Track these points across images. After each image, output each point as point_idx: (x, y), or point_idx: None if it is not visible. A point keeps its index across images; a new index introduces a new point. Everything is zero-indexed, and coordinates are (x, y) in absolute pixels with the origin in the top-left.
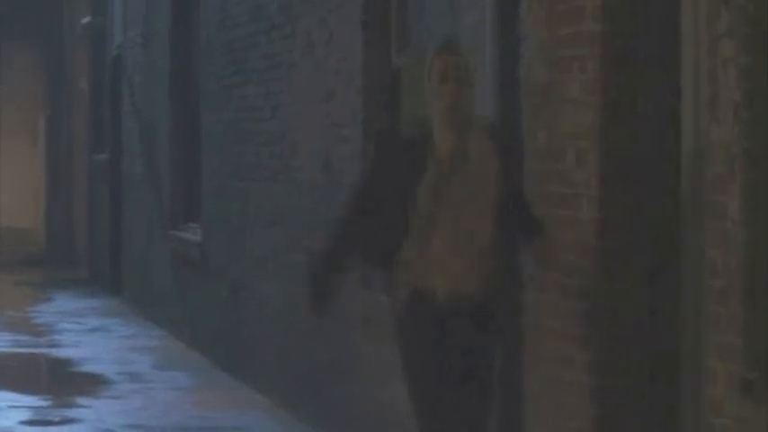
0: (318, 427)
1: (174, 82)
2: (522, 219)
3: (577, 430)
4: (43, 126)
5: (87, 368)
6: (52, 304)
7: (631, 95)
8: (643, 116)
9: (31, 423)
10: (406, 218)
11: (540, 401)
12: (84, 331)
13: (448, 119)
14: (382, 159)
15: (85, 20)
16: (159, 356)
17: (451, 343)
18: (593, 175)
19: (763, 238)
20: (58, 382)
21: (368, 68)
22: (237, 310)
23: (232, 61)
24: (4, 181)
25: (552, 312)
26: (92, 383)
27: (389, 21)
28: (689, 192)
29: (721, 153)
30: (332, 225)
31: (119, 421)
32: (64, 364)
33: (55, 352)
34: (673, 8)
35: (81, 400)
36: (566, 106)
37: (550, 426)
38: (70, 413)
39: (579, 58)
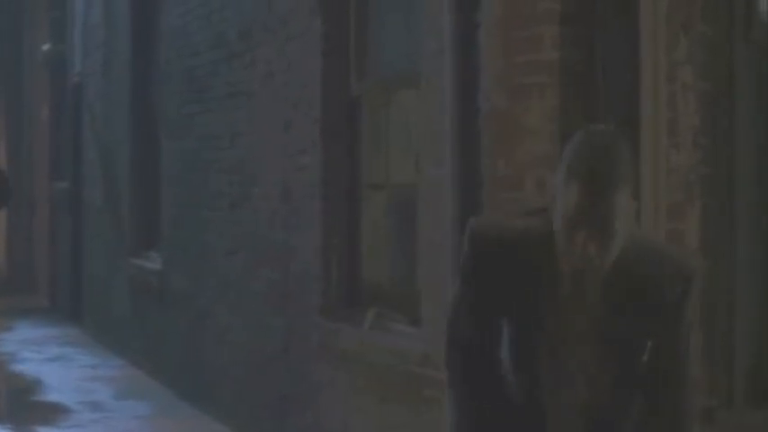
0: None
1: (134, 109)
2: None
3: None
4: (3, 153)
5: (48, 397)
6: (13, 333)
7: (591, 123)
8: None
9: None
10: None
11: None
12: (44, 360)
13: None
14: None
15: (45, 47)
16: (120, 385)
17: None
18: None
19: (721, 266)
20: (19, 411)
21: (327, 96)
22: (198, 338)
23: (192, 89)
24: None
25: None
26: (52, 413)
27: (348, 49)
28: (648, 218)
29: (680, 179)
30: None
31: None
32: (24, 392)
33: (15, 381)
34: (632, 35)
35: (41, 430)
36: (524, 135)
37: None
38: None
39: (538, 86)
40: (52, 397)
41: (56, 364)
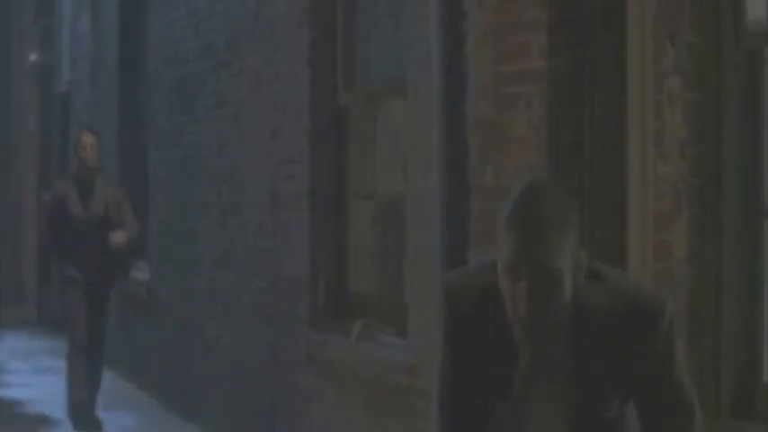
0: None
1: (122, 119)
2: None
3: None
4: None
5: (36, 409)
6: (1, 344)
7: (577, 132)
8: (589, 153)
9: None
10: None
11: None
12: (33, 371)
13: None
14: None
15: (33, 57)
16: (107, 397)
17: None
18: None
19: (708, 276)
20: (6, 422)
21: (314, 106)
22: (186, 349)
23: (180, 98)
24: None
25: None
26: (40, 423)
27: (336, 58)
28: (635, 229)
29: (667, 190)
30: None
31: None
32: (13, 404)
33: (3, 392)
34: (619, 44)
35: None
36: (512, 143)
37: None
38: None
39: (525, 96)
40: (40, 408)
41: (44, 375)
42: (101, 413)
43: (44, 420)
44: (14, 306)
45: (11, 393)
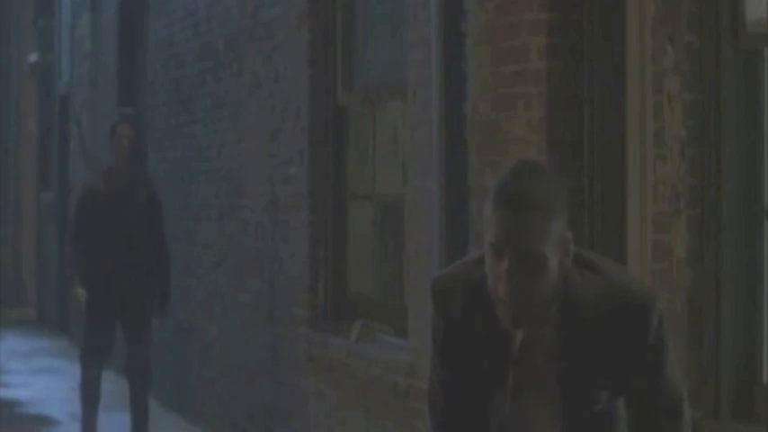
0: None
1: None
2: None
3: None
4: None
5: (35, 409)
6: (1, 344)
7: (577, 133)
8: (589, 153)
9: None
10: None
11: None
12: (32, 372)
13: (505, 318)
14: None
15: (32, 57)
16: (106, 398)
17: None
18: None
19: (708, 276)
20: (5, 423)
21: (313, 107)
22: (185, 350)
23: (180, 99)
24: None
25: None
26: (39, 424)
27: (335, 58)
28: (634, 230)
29: (667, 190)
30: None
31: None
32: (11, 404)
33: (3, 392)
34: (618, 45)
35: None
36: (511, 144)
37: None
38: None
39: (524, 96)
40: (39, 408)
41: (44, 375)
42: (101, 413)
43: (44, 420)
44: (14, 306)
45: (11, 393)
